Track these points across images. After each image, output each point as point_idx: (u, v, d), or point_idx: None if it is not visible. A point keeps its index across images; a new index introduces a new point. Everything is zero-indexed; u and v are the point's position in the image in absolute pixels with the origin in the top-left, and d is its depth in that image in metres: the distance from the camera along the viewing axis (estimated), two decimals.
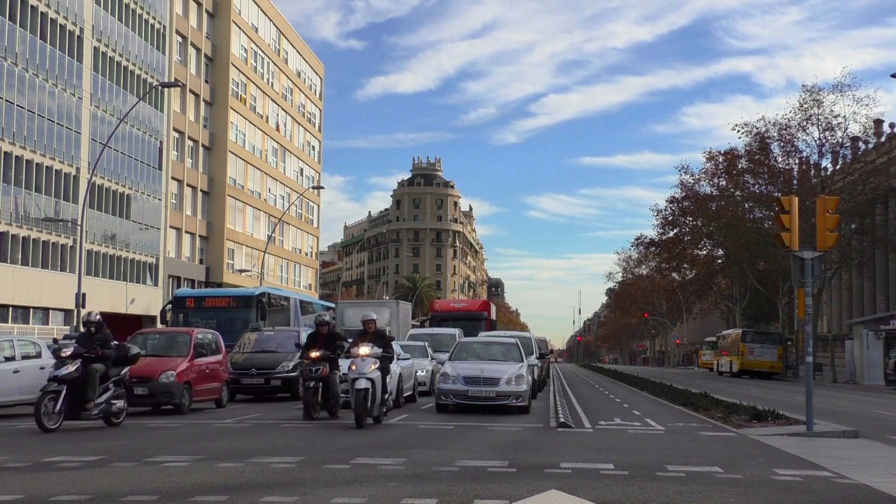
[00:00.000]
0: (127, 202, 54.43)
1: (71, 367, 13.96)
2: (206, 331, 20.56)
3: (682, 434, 14.23)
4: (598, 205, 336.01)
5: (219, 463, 9.76)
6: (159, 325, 37.22)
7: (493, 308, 47.24)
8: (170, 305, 30.21)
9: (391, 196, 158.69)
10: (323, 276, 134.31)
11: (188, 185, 63.99)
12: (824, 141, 48.78)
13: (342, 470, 9.24)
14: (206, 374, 18.66)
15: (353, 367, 14.72)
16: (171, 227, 61.19)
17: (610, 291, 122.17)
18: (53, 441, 12.35)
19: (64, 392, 13.79)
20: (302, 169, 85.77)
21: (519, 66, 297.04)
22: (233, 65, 68.68)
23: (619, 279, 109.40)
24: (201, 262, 66.09)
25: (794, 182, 51.09)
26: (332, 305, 43.14)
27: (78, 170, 48.96)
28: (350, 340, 15.89)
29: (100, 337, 14.65)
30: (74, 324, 36.11)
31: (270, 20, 77.30)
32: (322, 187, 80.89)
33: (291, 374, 21.45)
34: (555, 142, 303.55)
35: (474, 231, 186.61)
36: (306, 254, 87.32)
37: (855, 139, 49.32)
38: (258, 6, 74.02)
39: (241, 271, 68.22)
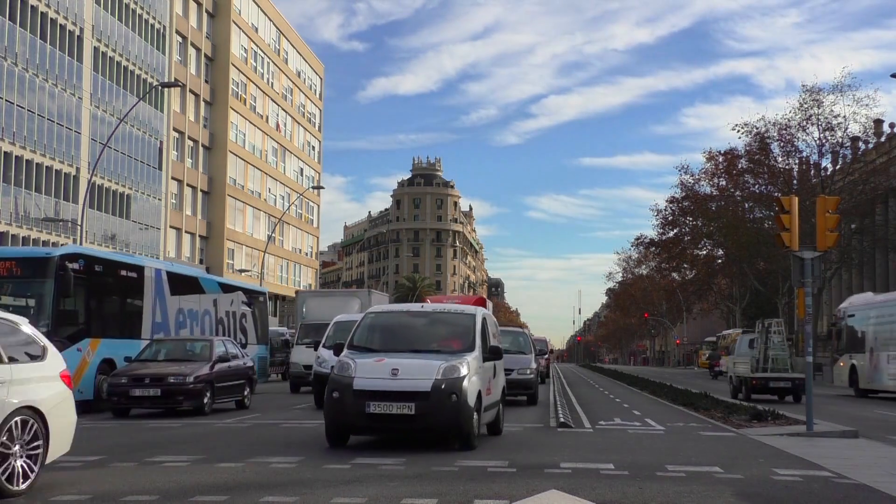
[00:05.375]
0: (127, 202, 54.43)
1: None
2: None
3: (682, 434, 14.22)
4: (599, 205, 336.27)
5: (219, 463, 9.77)
6: None
7: (490, 305, 47.17)
8: None
9: (391, 196, 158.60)
10: (323, 276, 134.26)
11: (188, 185, 64.00)
12: (824, 141, 48.76)
13: (342, 470, 9.24)
14: None
15: None
16: (171, 227, 61.18)
17: (610, 291, 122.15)
18: None
19: None
20: (302, 169, 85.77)
21: (520, 67, 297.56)
22: (233, 65, 68.69)
23: (619, 279, 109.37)
24: (201, 262, 66.03)
25: (794, 182, 51.03)
26: (246, 286, 31.78)
27: (78, 170, 48.95)
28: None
29: None
30: None
31: (270, 20, 77.31)
32: (322, 187, 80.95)
33: None
34: (555, 142, 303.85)
35: (474, 231, 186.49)
36: (306, 254, 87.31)
37: (855, 139, 49.28)
38: (258, 6, 74.02)
39: (242, 271, 68.22)
